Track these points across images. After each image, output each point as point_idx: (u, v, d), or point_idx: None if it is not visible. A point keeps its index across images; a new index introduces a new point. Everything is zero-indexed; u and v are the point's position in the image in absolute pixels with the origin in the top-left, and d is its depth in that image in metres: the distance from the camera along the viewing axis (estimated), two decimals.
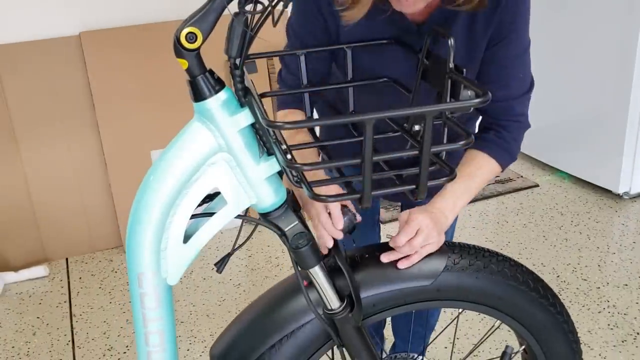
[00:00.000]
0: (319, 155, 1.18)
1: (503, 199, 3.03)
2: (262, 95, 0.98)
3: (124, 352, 2.14)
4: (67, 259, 2.75)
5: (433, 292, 1.00)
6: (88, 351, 2.15)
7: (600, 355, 1.98)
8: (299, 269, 0.98)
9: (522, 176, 3.22)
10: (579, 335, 2.03)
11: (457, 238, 2.16)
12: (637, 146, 2.80)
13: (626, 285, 2.32)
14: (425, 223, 1.07)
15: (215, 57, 0.97)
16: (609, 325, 2.12)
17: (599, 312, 2.19)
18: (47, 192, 2.68)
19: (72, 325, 2.30)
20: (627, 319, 2.14)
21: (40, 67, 2.58)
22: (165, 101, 2.65)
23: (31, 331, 2.28)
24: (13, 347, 2.20)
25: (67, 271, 2.66)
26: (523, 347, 1.16)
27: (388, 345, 1.99)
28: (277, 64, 2.81)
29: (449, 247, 1.11)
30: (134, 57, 2.66)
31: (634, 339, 2.05)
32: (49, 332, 2.26)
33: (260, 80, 2.78)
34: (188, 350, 2.11)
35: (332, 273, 1.00)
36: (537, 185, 3.13)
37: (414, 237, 1.06)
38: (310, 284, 0.99)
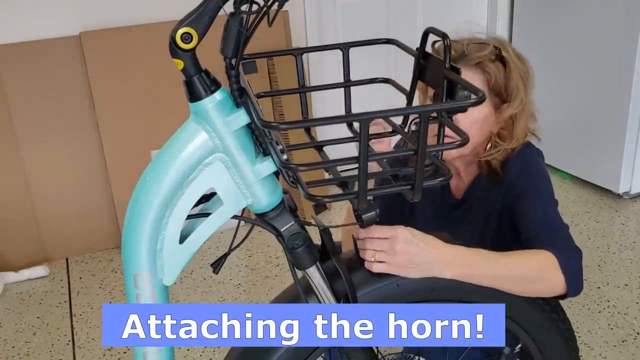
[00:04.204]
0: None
1: None
2: (259, 96, 0.98)
3: (124, 352, 2.14)
4: (67, 259, 2.75)
5: (427, 293, 1.00)
6: (88, 351, 2.16)
7: (600, 355, 1.98)
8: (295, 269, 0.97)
9: None
10: (579, 335, 2.04)
11: None
12: (637, 146, 2.79)
13: (626, 285, 2.32)
14: (401, 234, 0.99)
15: (210, 58, 0.97)
16: (609, 325, 2.11)
17: (599, 312, 2.18)
18: (47, 192, 2.68)
19: (72, 325, 2.30)
20: (627, 319, 2.14)
21: (40, 67, 2.58)
22: (165, 101, 2.65)
23: (31, 331, 2.28)
24: (13, 347, 2.20)
25: (67, 271, 2.66)
26: (519, 345, 1.16)
27: None
28: (277, 64, 2.80)
29: None
30: (134, 57, 2.66)
31: (634, 339, 2.04)
32: (49, 332, 2.26)
33: (260, 80, 2.78)
34: (188, 350, 2.11)
35: (329, 273, 1.00)
36: None
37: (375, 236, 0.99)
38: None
